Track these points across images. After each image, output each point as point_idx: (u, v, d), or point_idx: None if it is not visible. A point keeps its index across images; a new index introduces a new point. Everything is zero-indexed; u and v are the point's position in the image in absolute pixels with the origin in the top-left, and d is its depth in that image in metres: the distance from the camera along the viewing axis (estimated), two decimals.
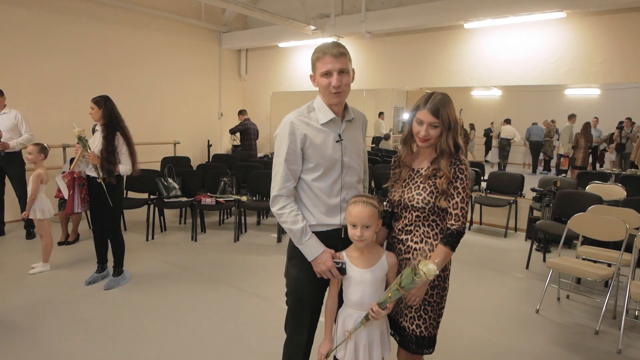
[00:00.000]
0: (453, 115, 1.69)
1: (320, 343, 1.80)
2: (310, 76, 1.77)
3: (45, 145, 3.98)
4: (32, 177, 3.75)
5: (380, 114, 8.23)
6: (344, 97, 1.72)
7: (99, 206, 3.53)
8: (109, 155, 3.38)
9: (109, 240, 3.66)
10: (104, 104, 3.45)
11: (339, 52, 1.66)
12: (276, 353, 1.97)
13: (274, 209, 1.75)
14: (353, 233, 1.66)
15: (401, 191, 1.77)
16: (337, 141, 1.75)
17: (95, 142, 3.45)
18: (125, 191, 4.70)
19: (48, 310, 3.15)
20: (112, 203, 3.47)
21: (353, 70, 1.75)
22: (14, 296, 3.37)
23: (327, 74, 1.67)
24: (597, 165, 6.32)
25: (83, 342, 2.74)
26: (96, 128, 3.52)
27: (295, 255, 1.79)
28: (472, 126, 7.37)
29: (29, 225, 4.84)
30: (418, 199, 1.71)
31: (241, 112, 7.99)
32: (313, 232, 1.74)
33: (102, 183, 3.40)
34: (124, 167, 3.47)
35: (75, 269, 3.95)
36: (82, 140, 3.35)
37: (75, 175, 3.51)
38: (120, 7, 6.46)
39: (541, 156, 7.11)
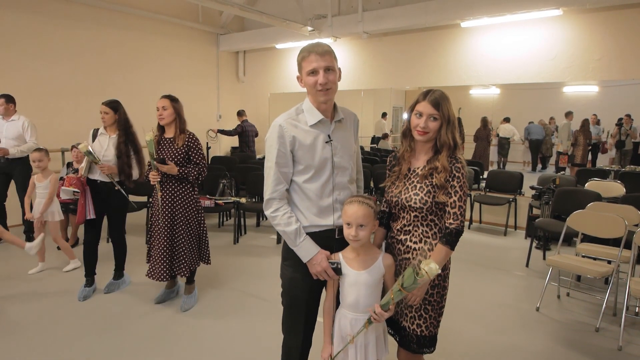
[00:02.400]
0: (452, 111, 1.70)
1: (322, 348, 1.79)
2: (297, 77, 1.77)
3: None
4: (51, 180, 3.87)
5: (384, 115, 8.18)
6: (331, 94, 1.72)
7: (102, 211, 3.50)
8: (128, 160, 3.36)
9: (113, 245, 3.63)
10: (119, 108, 3.40)
11: (324, 50, 1.67)
12: (276, 354, 1.97)
13: (267, 212, 1.76)
14: (348, 232, 1.66)
15: (398, 191, 1.77)
16: (326, 142, 1.75)
17: (104, 147, 3.36)
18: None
19: (48, 314, 3.15)
20: (122, 207, 3.51)
21: (339, 69, 1.75)
22: (16, 301, 3.37)
23: (313, 72, 1.67)
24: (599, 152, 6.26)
25: (83, 346, 2.74)
26: (100, 132, 3.44)
27: (289, 257, 1.79)
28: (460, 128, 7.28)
29: (29, 230, 4.84)
30: (415, 199, 1.70)
31: (240, 113, 7.93)
32: (307, 233, 1.74)
33: (119, 188, 3.37)
34: (134, 172, 3.45)
35: (75, 272, 3.95)
36: (92, 155, 3.25)
37: (82, 180, 3.41)
38: (117, 10, 6.47)
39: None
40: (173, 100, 3.14)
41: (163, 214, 3.14)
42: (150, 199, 3.29)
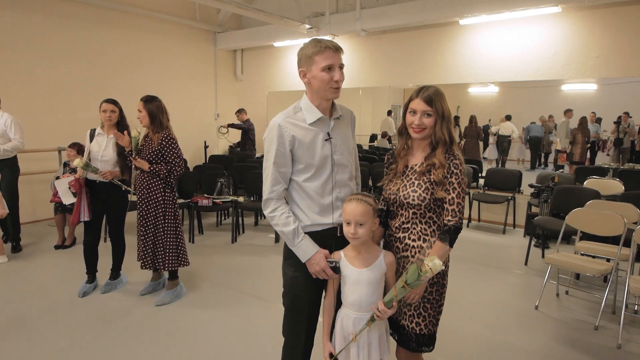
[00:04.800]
0: (447, 107, 1.69)
1: (323, 348, 1.78)
2: (301, 71, 1.73)
3: None
4: None
5: (390, 113, 8.10)
6: (339, 93, 1.72)
7: (102, 212, 3.50)
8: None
9: (112, 244, 3.62)
10: (120, 106, 3.45)
11: (339, 47, 1.67)
12: (276, 355, 1.95)
13: (265, 212, 1.75)
14: (347, 230, 1.65)
15: (396, 188, 1.75)
16: (326, 140, 1.73)
17: (102, 147, 3.37)
18: None
19: (45, 315, 3.13)
20: (122, 207, 3.53)
21: None
22: (14, 299, 3.36)
23: (330, 68, 1.65)
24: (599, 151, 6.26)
25: (81, 346, 2.73)
26: (97, 132, 3.43)
27: (290, 256, 1.77)
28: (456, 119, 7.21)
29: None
30: (413, 196, 1.69)
31: (240, 111, 7.78)
32: (308, 232, 1.72)
33: (126, 188, 3.45)
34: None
35: (73, 272, 3.92)
36: (90, 166, 3.29)
37: (81, 182, 3.37)
38: (114, 9, 6.43)
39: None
40: (147, 101, 3.24)
41: (138, 206, 3.32)
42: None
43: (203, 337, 2.87)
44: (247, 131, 7.73)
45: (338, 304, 1.78)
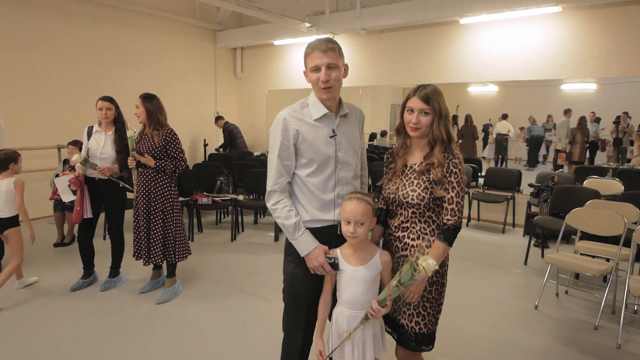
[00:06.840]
0: (444, 105, 1.69)
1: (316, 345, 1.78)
2: (304, 72, 1.77)
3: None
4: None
5: None
6: (334, 92, 1.72)
7: (100, 208, 3.50)
8: (128, 154, 3.35)
9: (111, 242, 3.62)
10: (116, 103, 3.46)
11: (327, 47, 1.65)
12: (275, 352, 1.95)
13: (268, 205, 1.77)
14: (346, 229, 1.65)
15: (395, 188, 1.75)
16: (331, 136, 1.74)
17: (100, 145, 3.38)
18: None
19: (43, 311, 3.12)
20: (120, 203, 3.55)
21: (346, 65, 1.75)
22: (11, 297, 3.35)
23: (316, 69, 1.67)
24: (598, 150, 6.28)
25: (80, 345, 2.72)
26: (95, 130, 3.43)
27: (291, 252, 1.78)
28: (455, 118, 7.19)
29: None
30: (413, 195, 1.68)
31: (219, 118, 7.83)
32: (308, 228, 1.73)
33: (124, 185, 3.45)
34: None
35: (72, 270, 3.91)
36: (89, 162, 3.29)
37: (81, 179, 3.37)
38: (113, 6, 6.42)
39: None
40: (145, 99, 3.24)
41: (140, 203, 3.26)
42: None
43: (203, 333, 2.87)
44: (230, 136, 7.74)
45: (334, 301, 1.78)
